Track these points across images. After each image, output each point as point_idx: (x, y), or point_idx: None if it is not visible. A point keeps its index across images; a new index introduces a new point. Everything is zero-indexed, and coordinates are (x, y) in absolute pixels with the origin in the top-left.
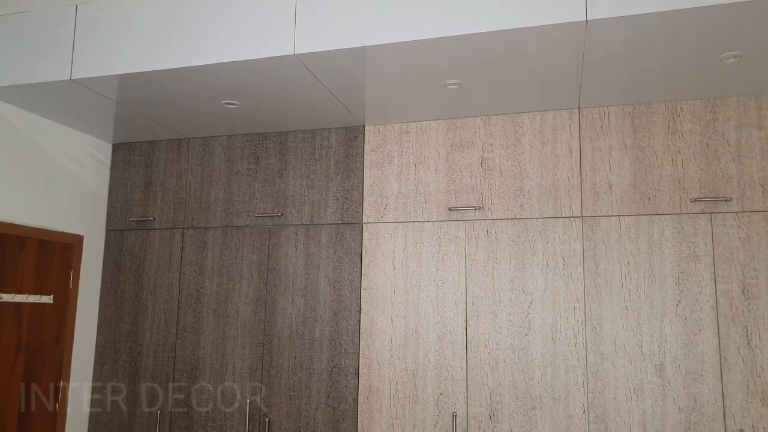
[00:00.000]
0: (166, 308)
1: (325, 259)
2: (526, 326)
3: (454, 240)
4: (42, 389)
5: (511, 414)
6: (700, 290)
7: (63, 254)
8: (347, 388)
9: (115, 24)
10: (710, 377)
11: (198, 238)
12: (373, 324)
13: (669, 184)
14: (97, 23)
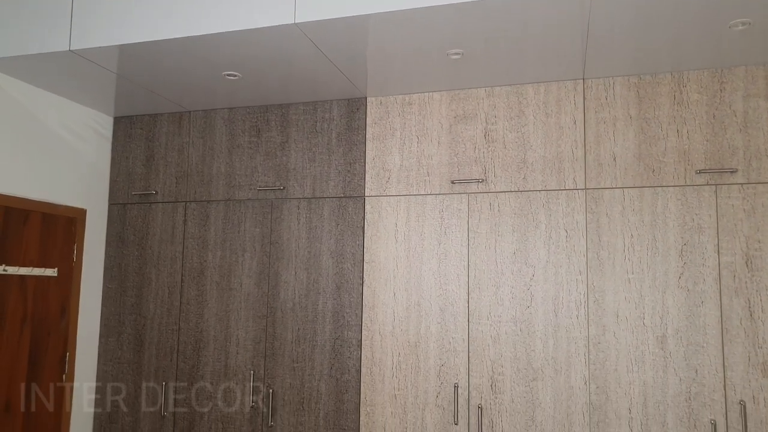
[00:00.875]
0: (170, 281)
1: (327, 233)
2: (528, 298)
3: (456, 213)
4: (49, 360)
5: (513, 385)
6: (703, 262)
7: (66, 228)
8: (350, 359)
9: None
10: (711, 349)
11: (200, 211)
12: (375, 297)
13: (674, 156)
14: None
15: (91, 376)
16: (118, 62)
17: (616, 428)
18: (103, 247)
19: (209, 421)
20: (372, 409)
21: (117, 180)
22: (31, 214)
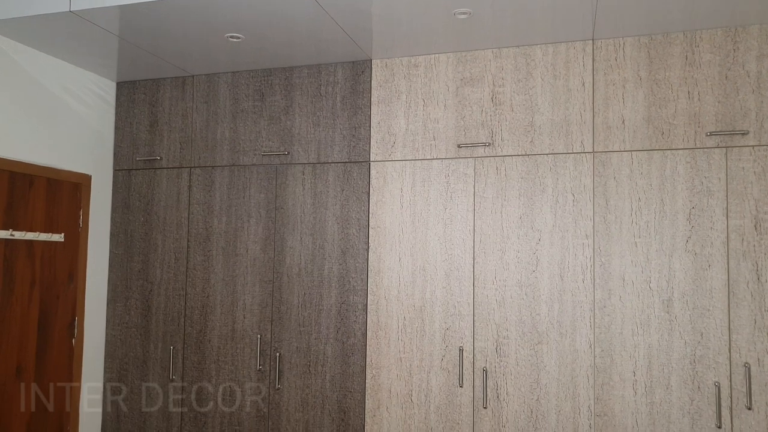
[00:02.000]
0: (176, 247)
1: (332, 198)
2: (534, 263)
3: (462, 177)
4: (58, 324)
5: (518, 348)
6: (711, 226)
7: (72, 193)
8: (356, 323)
9: None
10: (717, 312)
11: (205, 177)
12: (381, 262)
13: (684, 118)
14: None
15: (100, 342)
16: (120, 23)
17: (620, 391)
18: (109, 212)
19: (217, 383)
20: (378, 371)
21: (121, 146)
22: (36, 180)
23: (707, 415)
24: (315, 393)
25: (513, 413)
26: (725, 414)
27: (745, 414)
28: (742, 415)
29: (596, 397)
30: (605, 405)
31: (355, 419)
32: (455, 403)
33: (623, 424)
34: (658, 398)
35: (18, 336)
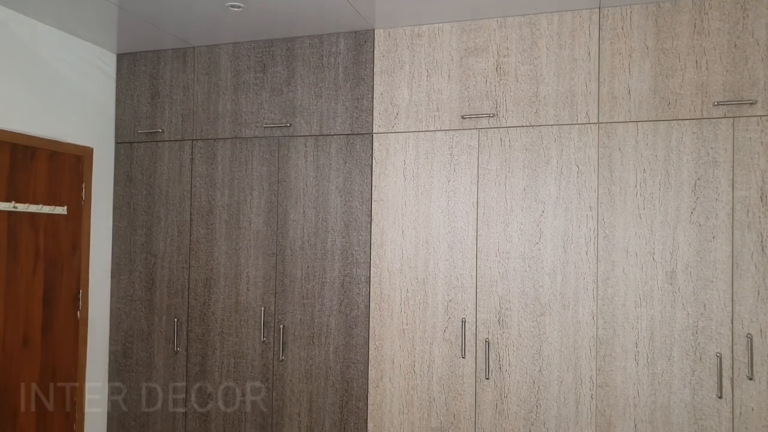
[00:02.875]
0: (179, 220)
1: (335, 171)
2: (538, 235)
3: (466, 149)
4: (63, 296)
5: (520, 320)
6: (716, 197)
7: (74, 166)
8: (359, 296)
9: None
10: (721, 283)
11: (207, 149)
12: (384, 235)
13: (691, 88)
14: None
15: (105, 314)
16: None
17: (622, 362)
18: (111, 185)
19: (221, 356)
20: (381, 343)
21: (123, 118)
22: (38, 152)
23: (708, 386)
24: (319, 364)
25: (515, 384)
26: (726, 384)
27: (746, 384)
28: (743, 385)
29: (598, 368)
30: (607, 376)
31: (359, 389)
32: (457, 373)
33: (624, 394)
34: (659, 369)
35: (24, 307)
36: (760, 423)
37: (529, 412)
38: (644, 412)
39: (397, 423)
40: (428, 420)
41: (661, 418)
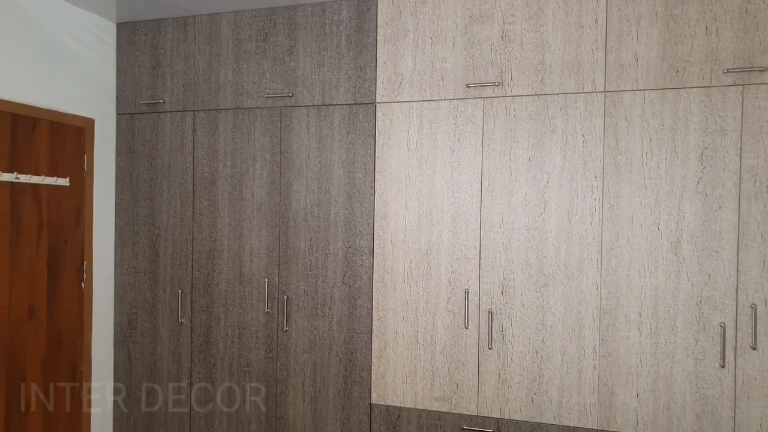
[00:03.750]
0: (182, 192)
1: (338, 142)
2: (542, 205)
3: (471, 119)
4: (67, 268)
5: (523, 291)
6: (723, 166)
7: (75, 137)
8: (362, 267)
9: None
10: (726, 253)
11: (209, 120)
12: (387, 206)
13: (700, 55)
14: None
15: (109, 286)
16: None
17: (625, 332)
18: (114, 157)
19: (226, 326)
20: (384, 314)
21: (123, 89)
22: (39, 123)
23: (711, 355)
24: (322, 335)
25: (518, 354)
26: (729, 354)
27: (749, 354)
28: (746, 354)
29: (601, 338)
30: (610, 346)
31: (362, 359)
32: (460, 344)
33: (627, 364)
34: (662, 339)
35: (29, 278)
36: (762, 392)
37: (531, 381)
38: (647, 381)
39: (401, 392)
40: (431, 389)
41: (664, 387)
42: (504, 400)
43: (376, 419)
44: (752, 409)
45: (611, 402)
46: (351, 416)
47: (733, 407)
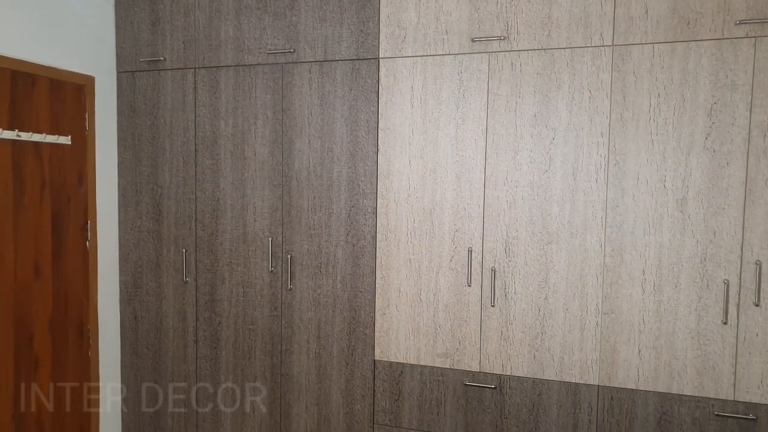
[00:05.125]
0: (184, 151)
1: (340, 99)
2: (547, 162)
3: (476, 74)
4: (72, 227)
5: (527, 248)
6: (733, 121)
7: (75, 95)
8: (365, 226)
9: None
10: (732, 210)
11: (210, 78)
12: (390, 165)
13: (712, 6)
14: None
15: (114, 245)
16: None
17: (628, 289)
18: (115, 116)
19: (230, 285)
20: (387, 272)
21: (123, 46)
22: (38, 79)
23: (714, 312)
24: (326, 293)
25: (520, 311)
26: (732, 310)
27: (752, 310)
28: (749, 311)
29: (604, 295)
30: (613, 303)
31: (366, 317)
32: (463, 301)
33: (629, 321)
34: (666, 296)
35: (33, 236)
36: (764, 348)
37: (534, 338)
38: (649, 338)
39: (404, 349)
40: (434, 346)
41: (665, 344)
42: (506, 356)
43: (380, 375)
44: (753, 365)
45: (613, 359)
46: (355, 372)
47: (734, 363)
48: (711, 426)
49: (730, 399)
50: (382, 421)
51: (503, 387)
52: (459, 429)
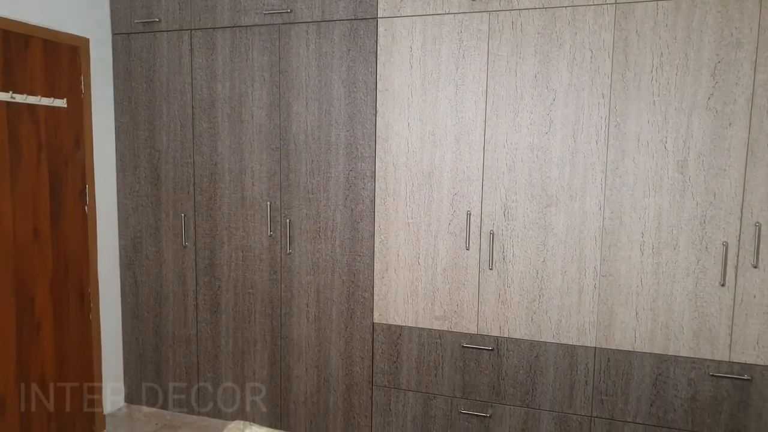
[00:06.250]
0: (181, 114)
1: (338, 60)
2: (547, 124)
3: (476, 34)
4: (69, 191)
5: (526, 212)
6: (736, 81)
7: (70, 57)
8: (364, 190)
9: None
10: (733, 172)
11: (206, 39)
12: (389, 128)
13: None
14: None
15: (113, 209)
16: None
17: (627, 252)
18: (111, 79)
19: (229, 249)
20: (386, 236)
21: (118, 7)
22: (31, 40)
23: (712, 274)
24: (325, 257)
25: (518, 274)
26: (730, 272)
27: (750, 272)
28: (747, 273)
29: (602, 258)
30: (611, 266)
31: (365, 281)
32: (461, 265)
33: (627, 284)
34: (664, 259)
35: (31, 199)
36: (761, 310)
37: (531, 301)
38: (646, 300)
39: (402, 312)
40: (432, 309)
41: (663, 306)
42: (504, 319)
43: (378, 337)
44: (749, 326)
45: (610, 321)
46: (354, 335)
47: (731, 324)
48: (706, 386)
49: (726, 360)
50: (380, 383)
51: (500, 349)
52: (457, 390)
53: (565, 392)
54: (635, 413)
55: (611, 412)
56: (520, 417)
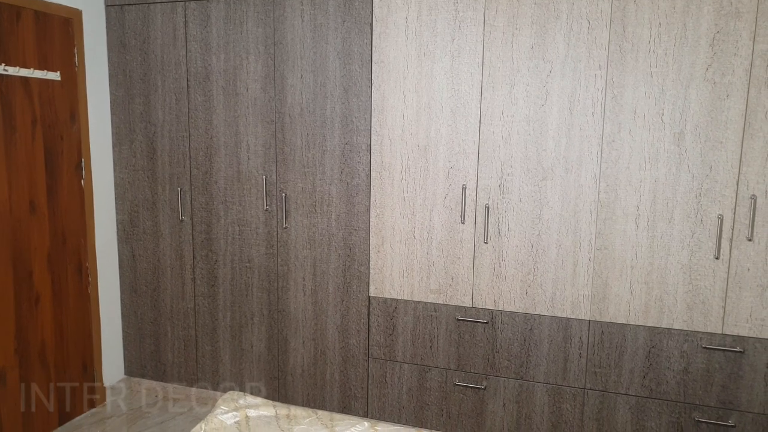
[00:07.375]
0: (176, 87)
1: (333, 31)
2: (543, 96)
3: (472, 4)
4: (65, 165)
5: (521, 185)
6: (735, 51)
7: (63, 29)
8: (360, 164)
9: None
10: (730, 144)
11: (201, 11)
12: (384, 100)
13: None
14: None
15: (109, 184)
16: None
17: (622, 225)
18: (105, 52)
19: (226, 224)
20: (382, 210)
21: None
22: (23, 12)
23: (707, 247)
24: (321, 231)
25: (513, 247)
26: (725, 245)
27: (744, 245)
28: (742, 246)
29: (598, 231)
30: (606, 239)
31: (361, 255)
32: (456, 239)
33: (622, 257)
34: (659, 232)
35: (27, 173)
36: (754, 282)
37: (526, 274)
38: (641, 273)
39: (398, 286)
40: (427, 282)
41: (657, 279)
42: (498, 292)
43: (374, 311)
44: (742, 299)
45: (604, 294)
46: (350, 308)
47: (724, 297)
48: (698, 358)
49: (718, 332)
50: (376, 355)
51: (495, 322)
52: (452, 362)
53: (559, 364)
54: (628, 385)
55: (604, 384)
56: (515, 389)
